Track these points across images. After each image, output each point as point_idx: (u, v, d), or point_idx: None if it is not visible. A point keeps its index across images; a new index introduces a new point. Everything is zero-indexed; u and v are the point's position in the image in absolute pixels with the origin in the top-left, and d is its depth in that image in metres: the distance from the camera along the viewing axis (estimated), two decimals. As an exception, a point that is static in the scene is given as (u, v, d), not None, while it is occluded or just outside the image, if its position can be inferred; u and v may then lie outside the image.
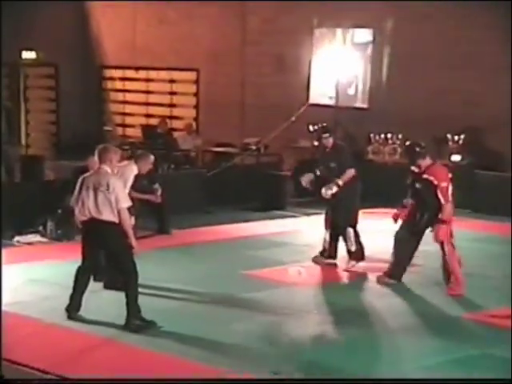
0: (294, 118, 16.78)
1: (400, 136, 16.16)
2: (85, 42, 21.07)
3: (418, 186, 9.65)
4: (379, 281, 9.97)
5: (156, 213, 12.43)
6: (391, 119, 16.28)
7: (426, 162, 9.70)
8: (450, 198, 9.47)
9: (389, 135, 16.28)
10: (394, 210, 10.32)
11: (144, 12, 20.22)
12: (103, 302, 8.94)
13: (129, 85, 20.89)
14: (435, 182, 9.46)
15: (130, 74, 20.74)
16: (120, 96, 21.14)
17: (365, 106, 17.21)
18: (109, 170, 8.29)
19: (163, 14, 20.01)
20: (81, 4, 20.97)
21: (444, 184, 9.46)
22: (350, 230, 10.73)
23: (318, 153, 11.24)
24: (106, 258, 8.68)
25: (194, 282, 9.85)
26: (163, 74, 20.24)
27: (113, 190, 8.13)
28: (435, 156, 13.77)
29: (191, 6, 19.50)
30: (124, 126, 21.08)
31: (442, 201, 9.40)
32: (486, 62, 15.64)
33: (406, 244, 9.83)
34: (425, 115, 16.06)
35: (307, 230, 13.14)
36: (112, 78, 21.17)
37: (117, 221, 8.15)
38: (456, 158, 15.53)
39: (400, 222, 10.00)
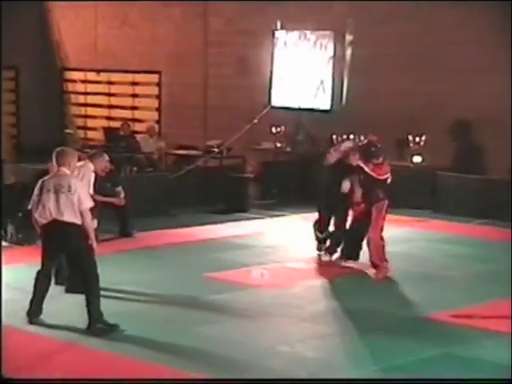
0: (256, 120, 16.78)
1: (362, 137, 16.19)
2: (46, 44, 20.92)
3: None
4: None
5: (119, 215, 12.38)
6: (354, 121, 16.31)
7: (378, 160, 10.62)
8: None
9: (351, 137, 16.31)
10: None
11: (105, 14, 20.13)
12: (65, 305, 8.87)
13: (90, 87, 20.77)
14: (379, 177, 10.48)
15: (91, 76, 20.63)
16: (81, 98, 21.02)
17: (327, 107, 17.23)
18: (68, 172, 8.25)
19: (125, 15, 19.92)
20: (41, 6, 20.81)
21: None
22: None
23: None
24: (67, 260, 8.58)
25: (157, 285, 9.81)
26: (125, 77, 20.15)
27: (75, 191, 8.08)
28: (397, 157, 13.98)
29: (153, 8, 19.45)
30: (86, 128, 20.95)
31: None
32: (450, 63, 15.74)
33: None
34: (387, 117, 16.12)
35: (270, 231, 13.14)
36: (73, 81, 21.03)
37: (79, 222, 8.11)
38: (417, 159, 15.62)
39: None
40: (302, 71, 17.40)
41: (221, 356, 7.53)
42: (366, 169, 10.57)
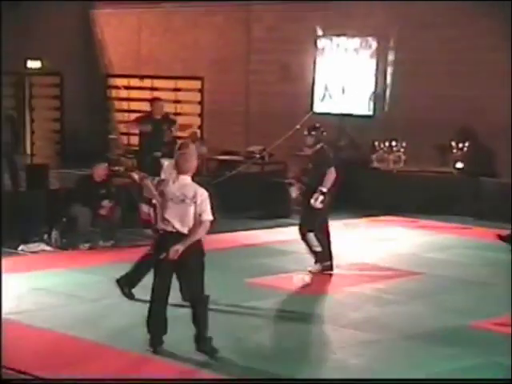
0: (298, 126, 16.75)
1: (404, 144, 16.15)
2: (89, 50, 21.12)
3: None
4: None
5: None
6: (395, 127, 16.28)
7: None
8: None
9: (393, 143, 16.27)
10: (399, 218, 10.37)
11: (149, 20, 20.27)
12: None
13: (133, 93, 20.92)
14: None
15: (134, 82, 20.77)
16: (125, 105, 21.17)
17: (369, 113, 17.20)
18: (189, 180, 7.76)
19: (168, 22, 20.05)
20: (86, 13, 21.03)
21: None
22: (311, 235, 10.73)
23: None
24: (181, 274, 7.74)
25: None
26: (168, 83, 20.26)
27: (201, 201, 7.55)
28: (439, 163, 13.84)
29: (196, 15, 19.56)
30: (129, 134, 21.09)
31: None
32: (491, 69, 15.62)
33: None
34: (429, 122, 16.05)
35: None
36: (117, 87, 21.20)
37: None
38: (460, 165, 15.52)
39: None
40: (344, 77, 17.39)
41: (267, 361, 7.53)
42: None
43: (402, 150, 16.19)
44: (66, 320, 8.47)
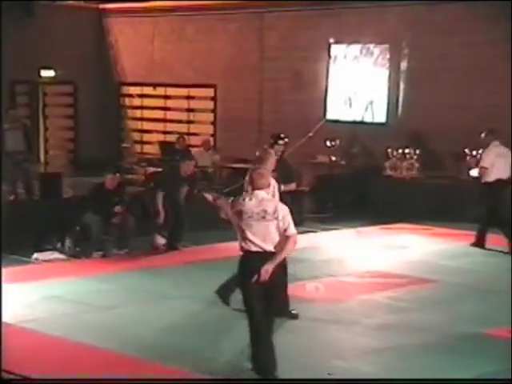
0: (311, 134, 16.78)
1: (418, 151, 16.12)
2: (103, 59, 21.19)
3: None
4: None
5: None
6: (408, 134, 16.25)
7: None
8: None
9: (406, 150, 16.24)
10: (412, 226, 10.30)
11: (162, 28, 20.33)
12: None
13: (147, 101, 20.97)
14: None
15: (147, 90, 20.83)
16: (138, 113, 21.23)
17: (382, 120, 17.19)
18: (266, 195, 7.43)
19: (181, 30, 20.10)
20: (99, 21, 21.10)
21: None
22: None
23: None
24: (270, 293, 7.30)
25: (209, 298, 9.85)
26: (181, 91, 20.30)
27: (283, 217, 7.23)
28: (453, 171, 13.74)
29: (210, 22, 19.60)
30: (142, 142, 21.15)
31: None
32: (505, 76, 15.57)
33: None
34: (442, 130, 16.02)
35: (325, 245, 13.11)
36: (130, 95, 21.26)
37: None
38: (474, 172, 15.43)
39: None
40: (357, 84, 17.38)
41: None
42: None
43: (415, 157, 16.16)
44: (80, 328, 8.47)
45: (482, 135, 13.10)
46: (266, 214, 7.21)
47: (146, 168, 17.98)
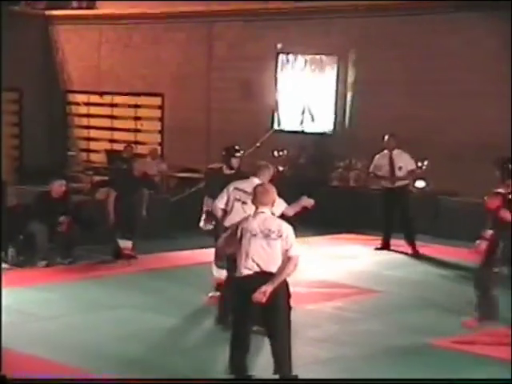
0: (258, 144, 16.78)
1: (365, 162, 16.23)
2: (49, 66, 20.98)
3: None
4: None
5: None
6: (355, 144, 16.35)
7: None
8: None
9: (353, 161, 16.33)
10: (359, 236, 10.35)
11: (109, 36, 20.19)
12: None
13: (93, 109, 20.81)
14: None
15: (94, 98, 20.67)
16: (84, 121, 21.05)
17: (330, 131, 17.28)
18: (270, 213, 7.18)
19: (128, 38, 19.98)
20: (45, 28, 20.89)
21: None
22: None
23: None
24: (262, 316, 7.18)
25: (157, 308, 9.78)
26: (128, 99, 20.19)
27: (286, 236, 7.01)
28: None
29: (157, 31, 19.52)
30: (88, 151, 20.97)
31: None
32: (451, 88, 15.77)
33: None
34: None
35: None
36: (76, 103, 21.08)
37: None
38: (420, 183, 15.59)
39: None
40: (304, 95, 17.46)
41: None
42: None
43: (361, 167, 16.25)
44: (23, 338, 8.34)
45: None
46: (270, 233, 6.97)
47: (92, 176, 17.82)
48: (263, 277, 6.89)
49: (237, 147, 10.59)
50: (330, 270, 12.21)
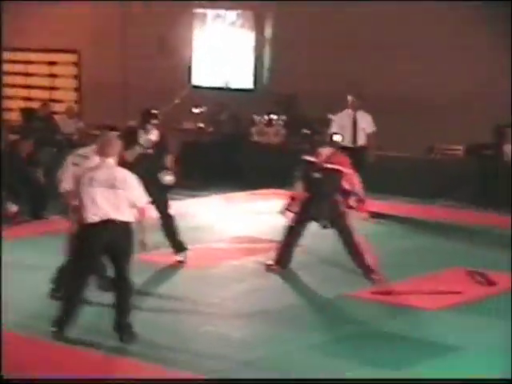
0: (177, 101, 16.64)
1: (284, 117, 16.25)
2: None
3: (317, 175, 9.51)
4: (268, 269, 9.86)
5: (34, 197, 12.31)
6: (275, 100, 16.35)
7: (328, 150, 9.60)
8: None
9: (273, 116, 16.32)
10: (280, 191, 10.36)
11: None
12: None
13: (7, 67, 20.30)
14: (342, 171, 9.46)
15: (7, 55, 20.15)
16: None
17: (250, 87, 17.25)
18: (115, 164, 7.38)
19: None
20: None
21: (350, 171, 9.55)
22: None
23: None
24: (111, 261, 7.48)
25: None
26: (43, 56, 19.77)
27: (131, 186, 7.30)
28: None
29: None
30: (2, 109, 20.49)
31: (349, 187, 9.58)
32: (369, 42, 15.85)
33: (296, 234, 9.78)
34: (307, 96, 16.16)
35: (193, 212, 13.06)
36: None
37: (132, 220, 7.35)
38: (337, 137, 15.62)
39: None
40: (223, 50, 17.36)
41: (146, 340, 7.43)
42: None
43: (281, 123, 16.27)
44: None
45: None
46: (116, 182, 7.22)
47: (7, 135, 17.42)
48: (109, 224, 7.19)
49: (153, 111, 10.44)
50: (251, 226, 12.24)
